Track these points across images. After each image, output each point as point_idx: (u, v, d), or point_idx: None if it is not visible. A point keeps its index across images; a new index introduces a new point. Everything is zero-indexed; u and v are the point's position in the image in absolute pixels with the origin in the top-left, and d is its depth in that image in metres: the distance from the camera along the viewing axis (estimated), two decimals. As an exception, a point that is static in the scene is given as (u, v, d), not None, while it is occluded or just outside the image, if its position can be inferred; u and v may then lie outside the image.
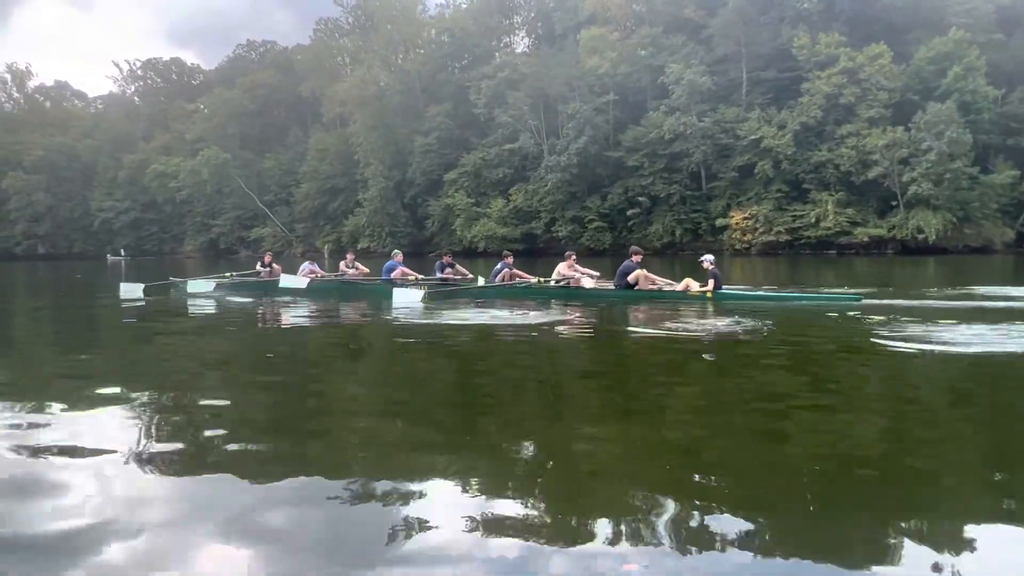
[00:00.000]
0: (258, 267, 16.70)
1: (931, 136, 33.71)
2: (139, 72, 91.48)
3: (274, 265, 16.58)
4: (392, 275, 14.47)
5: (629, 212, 43.76)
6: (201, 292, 14.95)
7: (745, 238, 39.97)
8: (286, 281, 14.23)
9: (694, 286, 11.22)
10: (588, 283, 12.57)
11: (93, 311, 13.41)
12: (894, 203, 36.36)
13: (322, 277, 15.43)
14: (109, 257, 67.89)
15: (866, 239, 36.23)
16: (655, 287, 11.73)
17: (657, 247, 43.39)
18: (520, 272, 13.66)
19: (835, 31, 39.43)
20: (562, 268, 12.82)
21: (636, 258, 12.00)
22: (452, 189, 52.44)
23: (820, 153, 37.86)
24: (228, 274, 16.76)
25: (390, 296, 12.55)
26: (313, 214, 64.90)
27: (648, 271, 11.95)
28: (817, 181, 38.34)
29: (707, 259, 11.47)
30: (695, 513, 2.86)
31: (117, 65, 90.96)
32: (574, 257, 13.44)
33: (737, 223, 40.00)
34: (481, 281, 14.29)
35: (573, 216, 45.22)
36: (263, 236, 67.47)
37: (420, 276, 14.61)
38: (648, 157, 43.22)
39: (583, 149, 43.84)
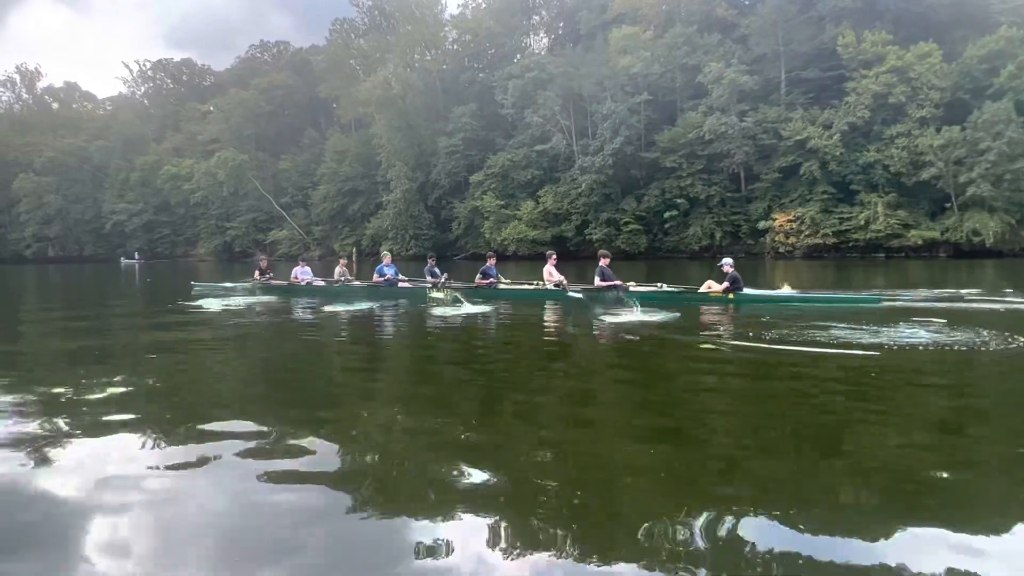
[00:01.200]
0: (256, 274, 17.02)
1: (989, 136, 32.74)
2: (149, 73, 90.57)
3: (270, 272, 17.31)
4: (384, 277, 15.14)
5: (666, 214, 42.67)
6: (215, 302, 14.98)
7: (789, 241, 38.92)
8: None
9: (716, 287, 11.55)
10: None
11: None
12: (947, 205, 35.37)
13: (311, 282, 16.32)
14: (123, 260, 66.83)
15: (920, 242, 35.21)
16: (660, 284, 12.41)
17: (695, 250, 42.37)
18: (498, 277, 14.33)
19: (879, 29, 38.48)
20: (552, 271, 13.37)
21: (605, 261, 12.61)
22: (479, 191, 51.38)
23: (869, 154, 36.85)
24: (244, 282, 17.46)
25: (393, 298, 13.91)
26: (331, 216, 63.82)
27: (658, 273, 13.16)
28: (865, 182, 37.34)
29: (726, 262, 11.83)
30: (730, 528, 2.82)
31: (127, 66, 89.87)
32: (555, 258, 13.98)
33: (781, 225, 38.96)
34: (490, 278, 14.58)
35: (608, 218, 44.13)
36: (280, 239, 66.36)
37: (405, 279, 15.57)
38: (686, 158, 42.18)
39: (619, 150, 42.81)
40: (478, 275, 14.18)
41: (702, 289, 11.73)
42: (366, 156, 60.92)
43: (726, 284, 11.37)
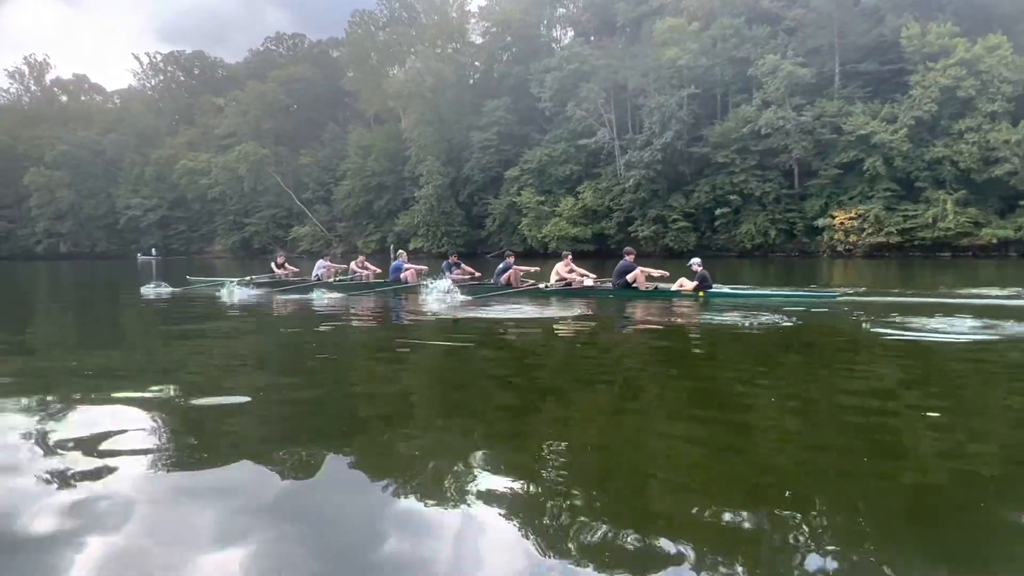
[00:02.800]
0: (273, 267, 17.72)
1: (1070, 131, 31.53)
2: (160, 65, 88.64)
3: (288, 265, 17.94)
4: (402, 275, 15.35)
5: (717, 211, 41.31)
6: (231, 295, 15.29)
7: (849, 239, 37.60)
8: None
9: (688, 284, 12.44)
10: (588, 283, 13.71)
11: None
12: (1022, 202, 34.11)
13: (337, 273, 16.83)
14: (139, 257, 65.13)
15: (994, 240, 33.94)
16: (652, 284, 12.97)
17: (747, 248, 41.04)
18: (524, 268, 14.76)
19: (944, 20, 37.20)
20: (560, 269, 13.91)
21: (630, 257, 13.10)
22: (515, 187, 49.93)
23: (936, 149, 35.55)
24: (248, 278, 17.61)
25: (401, 295, 14.25)
26: (356, 213, 62.20)
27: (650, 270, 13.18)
28: (931, 179, 36.04)
29: (695, 262, 12.65)
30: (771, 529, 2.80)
31: (137, 58, 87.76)
32: (570, 257, 14.55)
33: (841, 223, 37.64)
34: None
35: (656, 215, 42.71)
36: (302, 235, 64.74)
37: (427, 269, 15.95)
38: (739, 153, 40.83)
39: (668, 144, 41.42)
40: (503, 275, 14.25)
41: (675, 287, 12.63)
42: (393, 151, 59.35)
43: (696, 283, 12.29)
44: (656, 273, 13.18)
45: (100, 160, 74.58)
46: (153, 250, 67.55)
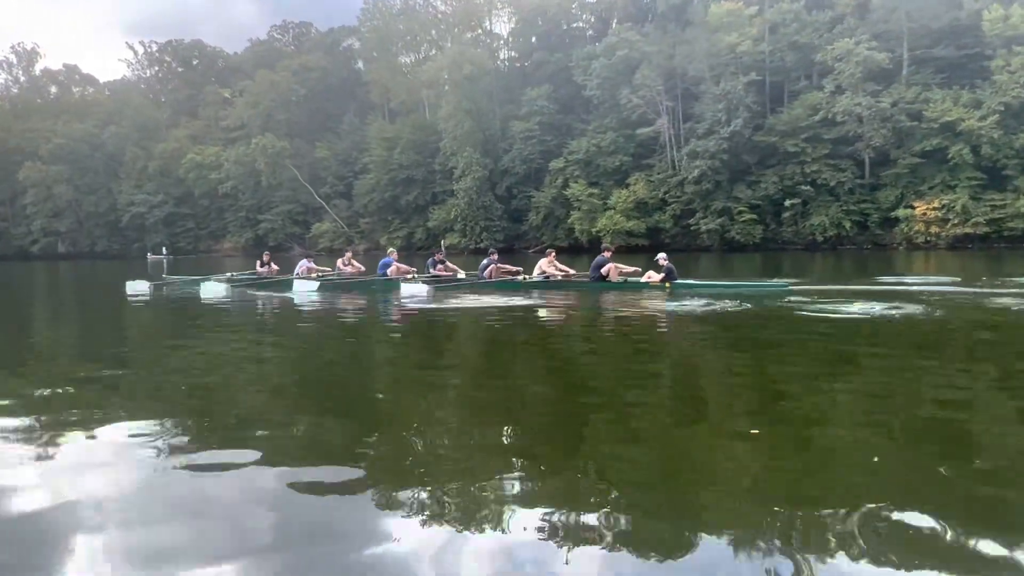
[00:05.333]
0: (257, 266, 17.78)
1: None
2: (156, 55, 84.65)
3: (272, 264, 18.01)
4: (388, 271, 15.39)
5: (787, 203, 39.64)
6: (214, 293, 15.13)
7: (931, 230, 36.19)
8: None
9: (655, 277, 13.26)
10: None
11: None
12: (1120, 191, 33.04)
13: (320, 275, 16.49)
14: (149, 256, 61.69)
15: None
16: (622, 277, 13.61)
17: (818, 240, 39.43)
18: (506, 266, 15.25)
19: (1025, 3, 35.94)
20: (543, 265, 14.46)
21: (607, 253, 13.97)
22: (560, 178, 47.78)
23: (1024, 136, 34.32)
24: (229, 274, 17.57)
25: (388, 291, 14.16)
26: (380, 208, 59.39)
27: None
28: (1020, 167, 34.79)
29: (661, 256, 13.49)
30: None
31: (131, 47, 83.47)
32: (554, 254, 14.92)
33: (923, 214, 36.20)
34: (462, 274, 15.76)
35: (722, 208, 40.88)
36: (323, 232, 61.76)
37: (416, 271, 15.79)
38: (810, 142, 39.20)
39: (737, 133, 39.63)
40: (485, 270, 14.87)
41: (643, 279, 13.46)
42: (421, 143, 56.72)
43: (663, 275, 13.10)
44: (629, 269, 13.91)
45: (100, 154, 70.51)
46: (164, 248, 63.99)
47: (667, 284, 13.01)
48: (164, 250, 63.58)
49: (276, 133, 64.28)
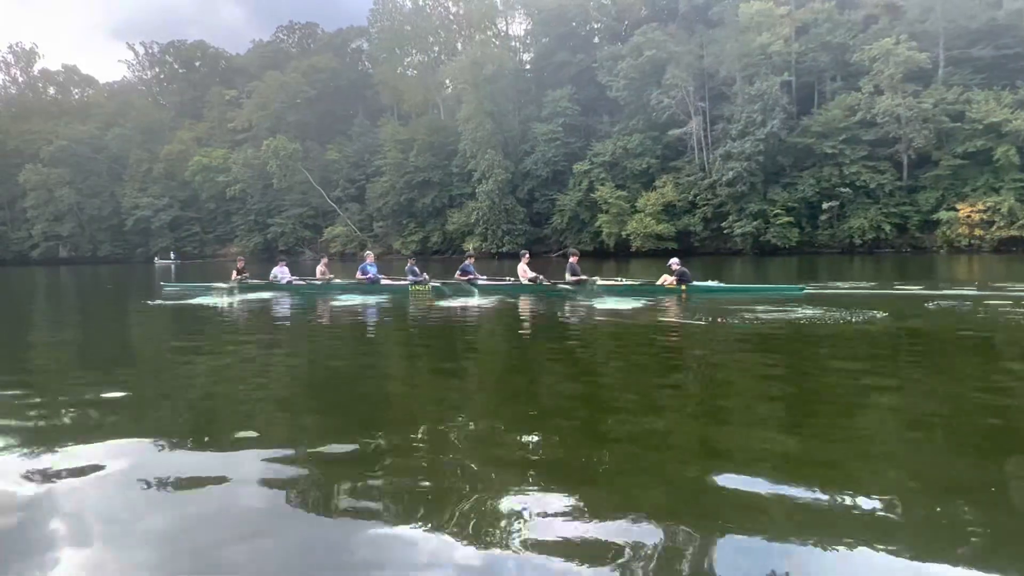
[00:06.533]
0: (233, 275, 17.58)
1: None
2: (158, 56, 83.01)
3: (245, 271, 18.02)
4: (367, 276, 15.92)
5: (824, 205, 38.87)
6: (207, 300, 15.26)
7: (975, 233, 35.52)
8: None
9: (669, 279, 13.27)
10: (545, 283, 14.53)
11: None
12: None
13: (295, 281, 17.03)
14: (157, 261, 60.11)
15: None
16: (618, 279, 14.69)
17: (854, 243, 38.69)
18: (476, 273, 15.44)
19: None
20: (525, 269, 14.76)
21: (574, 259, 14.30)
22: (584, 181, 46.81)
23: (1071, 137, 33.75)
24: (220, 284, 17.58)
25: (374, 295, 14.86)
26: (395, 211, 58.11)
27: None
28: (1067, 169, 34.27)
29: (674, 261, 13.63)
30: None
31: (132, 48, 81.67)
32: (527, 258, 15.31)
33: (967, 216, 35.52)
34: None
35: (757, 210, 40.04)
36: (336, 235, 60.40)
37: (386, 277, 16.29)
38: (848, 143, 38.49)
39: (773, 134, 38.85)
40: (458, 272, 15.29)
41: (658, 283, 13.54)
42: (438, 145, 55.63)
43: (676, 277, 13.17)
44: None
45: (103, 156, 68.76)
46: (172, 253, 62.36)
47: (683, 288, 13.03)
48: (172, 255, 61.99)
49: (286, 135, 62.91)
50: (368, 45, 68.15)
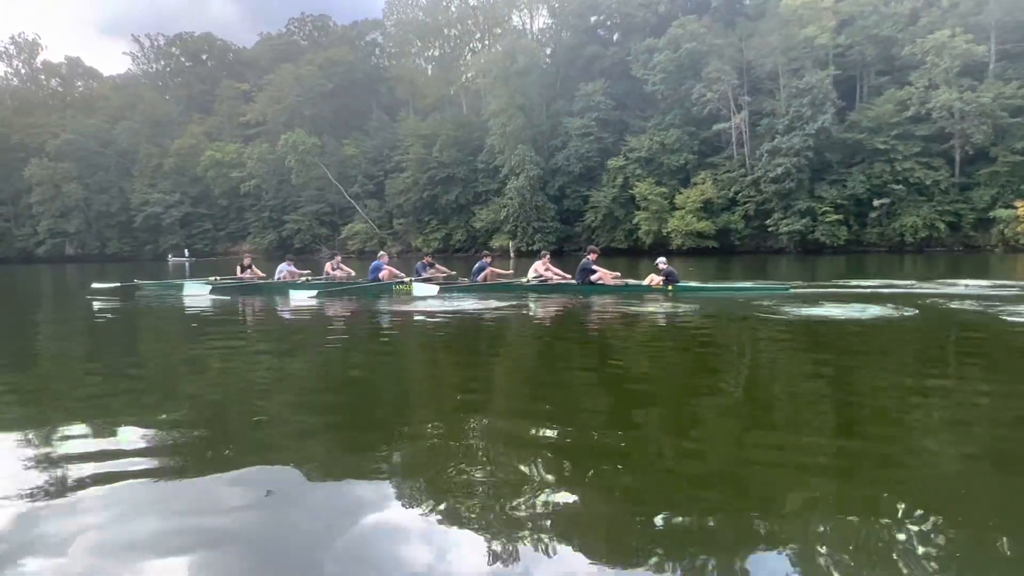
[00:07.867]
0: (238, 271, 17.39)
1: None
2: (163, 48, 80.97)
3: (254, 268, 17.66)
4: (380, 275, 15.00)
5: (875, 202, 37.74)
6: (195, 294, 15.20)
7: (1035, 232, 34.50)
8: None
9: (656, 279, 13.17)
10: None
11: None
12: None
13: (302, 277, 16.29)
14: (171, 258, 58.42)
15: None
16: (617, 282, 13.66)
17: (905, 242, 37.60)
18: (498, 270, 15.60)
19: None
20: (538, 267, 14.50)
21: (593, 256, 13.82)
22: (619, 177, 45.51)
23: None
24: (213, 278, 17.18)
25: (386, 295, 13.99)
26: (416, 208, 56.58)
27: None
28: None
29: (661, 260, 13.62)
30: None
31: (138, 40, 79.44)
32: (548, 257, 15.12)
33: (1025, 214, 34.50)
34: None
35: (805, 208, 38.85)
36: (355, 233, 58.78)
37: (407, 276, 15.30)
38: (900, 139, 37.37)
39: (823, 129, 37.67)
40: (480, 274, 14.89)
41: (645, 282, 13.47)
42: (463, 140, 54.18)
43: (663, 277, 13.07)
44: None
45: (110, 151, 66.79)
46: (186, 251, 60.58)
47: (669, 287, 12.97)
48: (186, 252, 60.23)
49: (302, 129, 61.24)
50: (383, 38, 66.49)
